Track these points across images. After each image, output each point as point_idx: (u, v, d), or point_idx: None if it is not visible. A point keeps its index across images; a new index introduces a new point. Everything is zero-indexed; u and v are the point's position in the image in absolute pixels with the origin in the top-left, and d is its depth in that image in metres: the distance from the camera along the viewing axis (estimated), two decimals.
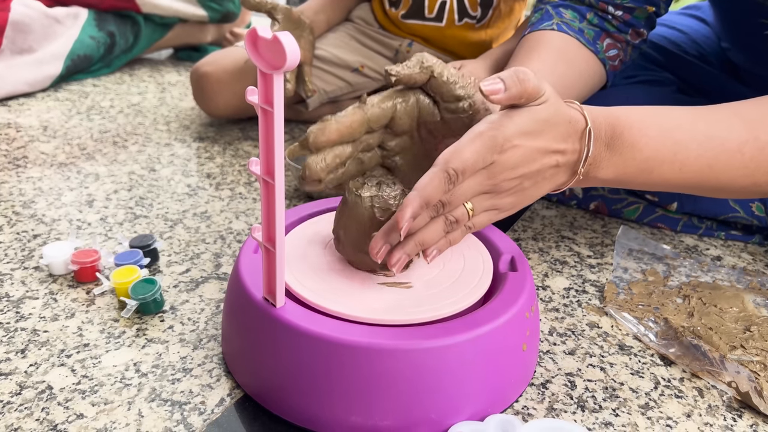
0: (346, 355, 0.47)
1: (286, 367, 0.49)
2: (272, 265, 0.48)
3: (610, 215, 0.92)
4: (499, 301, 0.53)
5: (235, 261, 0.57)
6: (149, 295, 0.62)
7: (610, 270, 0.77)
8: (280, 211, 0.46)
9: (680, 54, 0.94)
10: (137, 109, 1.32)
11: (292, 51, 0.38)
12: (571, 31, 0.75)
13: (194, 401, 0.53)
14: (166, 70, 1.67)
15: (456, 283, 0.56)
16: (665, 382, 0.58)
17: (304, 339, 0.48)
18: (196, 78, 1.17)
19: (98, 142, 1.11)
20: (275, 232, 0.46)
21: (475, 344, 0.49)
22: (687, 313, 0.68)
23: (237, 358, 0.55)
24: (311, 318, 0.49)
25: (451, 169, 0.48)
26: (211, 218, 0.85)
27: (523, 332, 0.53)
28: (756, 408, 0.54)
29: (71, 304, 0.65)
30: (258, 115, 0.44)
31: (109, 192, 0.91)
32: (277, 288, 0.49)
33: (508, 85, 0.49)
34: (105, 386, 0.54)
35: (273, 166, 0.44)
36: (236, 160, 1.07)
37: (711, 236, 0.88)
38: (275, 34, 0.38)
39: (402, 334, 0.48)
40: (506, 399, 0.53)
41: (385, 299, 0.53)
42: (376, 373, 0.47)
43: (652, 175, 0.58)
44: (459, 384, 0.49)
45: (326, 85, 1.22)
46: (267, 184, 0.46)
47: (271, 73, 0.41)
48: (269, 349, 0.50)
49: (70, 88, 1.43)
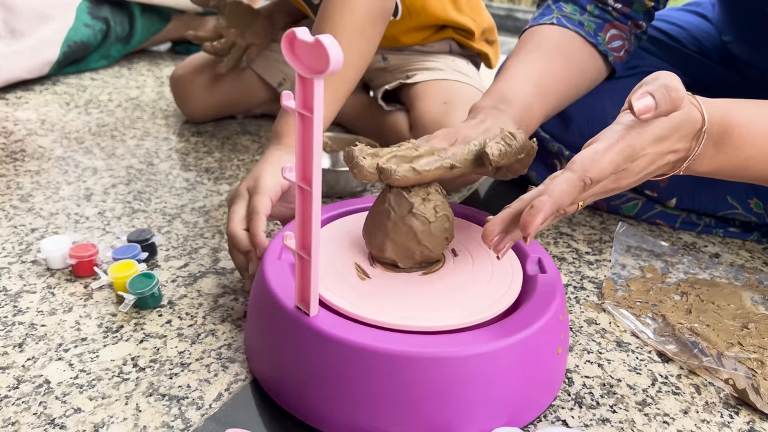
0: (385, 364, 0.46)
1: (321, 376, 0.48)
2: (306, 274, 0.47)
3: (608, 211, 0.92)
4: (534, 304, 0.52)
5: (259, 267, 0.56)
6: (147, 289, 0.62)
7: (609, 267, 0.77)
8: (317, 219, 0.44)
9: (680, 48, 0.94)
10: (135, 102, 1.32)
11: (335, 54, 0.36)
12: (570, 24, 0.75)
13: (192, 396, 0.53)
14: (164, 63, 1.66)
15: (488, 287, 0.54)
16: (663, 378, 0.58)
17: (340, 348, 0.47)
18: (173, 83, 1.18)
19: (96, 136, 1.10)
20: (311, 240, 0.45)
21: (514, 350, 0.48)
22: (685, 310, 0.68)
23: (264, 364, 0.54)
24: (346, 327, 0.48)
25: (588, 178, 0.48)
26: (210, 213, 0.85)
27: (557, 335, 0.52)
28: (753, 405, 0.54)
29: (69, 298, 0.65)
30: (296, 120, 0.42)
31: (107, 186, 0.91)
32: (311, 297, 0.47)
33: (659, 103, 0.48)
34: (103, 380, 0.54)
35: (311, 173, 0.43)
36: (235, 155, 1.07)
37: (709, 233, 0.88)
38: (317, 37, 0.36)
39: (441, 342, 0.47)
40: (542, 404, 0.53)
41: (419, 303, 0.51)
42: (416, 382, 0.46)
43: (747, 171, 0.58)
44: (498, 391, 0.48)
45: None
46: (303, 191, 0.44)
47: (312, 78, 0.39)
48: (302, 357, 0.49)
49: (68, 82, 1.42)
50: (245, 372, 0.56)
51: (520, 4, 3.25)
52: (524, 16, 3.09)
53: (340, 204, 0.67)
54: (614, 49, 0.77)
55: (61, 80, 1.43)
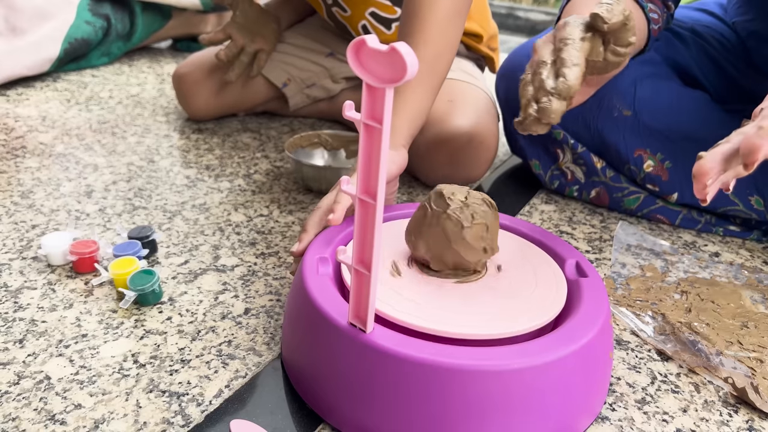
0: (450, 379, 0.44)
1: (381, 393, 0.46)
2: (365, 290, 0.45)
3: (610, 204, 0.92)
4: (586, 310, 0.51)
5: (298, 280, 0.54)
6: (148, 286, 0.62)
7: (609, 265, 0.77)
8: (378, 234, 0.42)
9: (701, 42, 0.93)
10: (136, 99, 1.32)
11: (412, 62, 0.34)
12: None
13: (192, 392, 0.53)
14: (165, 60, 1.66)
15: (534, 292, 0.53)
16: (662, 377, 0.58)
17: (401, 364, 0.45)
18: (176, 81, 1.18)
19: (97, 133, 1.10)
20: (371, 255, 0.43)
21: (575, 358, 0.46)
22: (685, 308, 0.68)
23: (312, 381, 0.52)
24: (405, 342, 0.46)
25: None
26: (210, 210, 0.85)
27: (609, 340, 0.52)
28: (752, 404, 0.55)
29: (69, 294, 0.65)
30: (359, 130, 0.40)
31: (107, 183, 0.91)
32: (368, 314, 0.45)
33: None
34: (103, 377, 0.54)
35: (375, 186, 0.41)
36: (235, 152, 1.07)
37: (709, 232, 0.88)
38: (393, 45, 0.34)
39: (505, 353, 0.45)
40: (594, 411, 0.52)
41: (466, 311, 0.50)
42: (483, 395, 0.44)
43: None
44: (559, 401, 0.47)
45: (301, 73, 1.20)
46: (365, 205, 0.42)
47: (383, 87, 0.37)
48: (359, 375, 0.47)
49: (68, 78, 1.42)
50: (245, 369, 0.56)
51: (521, 2, 3.25)
52: (525, 15, 3.09)
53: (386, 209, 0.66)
54: (654, 20, 0.76)
55: (62, 77, 1.43)
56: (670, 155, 0.85)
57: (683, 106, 0.87)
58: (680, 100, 0.87)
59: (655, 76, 0.89)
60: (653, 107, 0.87)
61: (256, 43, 1.14)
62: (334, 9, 1.12)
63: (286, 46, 1.20)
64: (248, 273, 0.71)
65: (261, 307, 0.65)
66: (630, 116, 0.87)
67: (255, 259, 0.74)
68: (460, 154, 0.89)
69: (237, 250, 0.75)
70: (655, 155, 0.86)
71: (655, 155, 0.86)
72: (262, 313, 0.64)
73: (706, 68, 0.93)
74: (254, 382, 0.54)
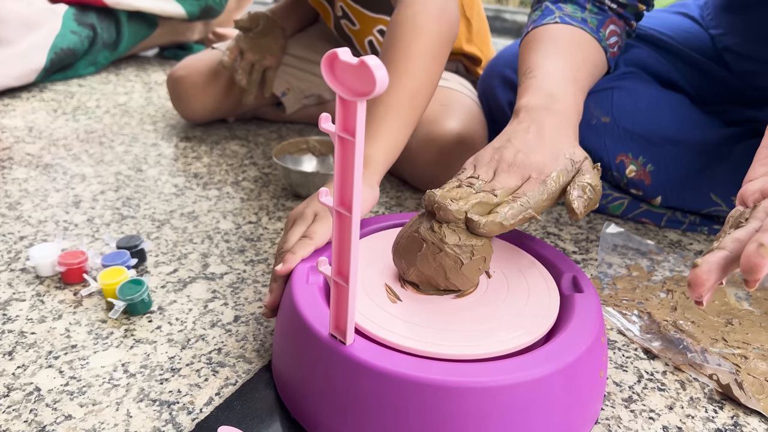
0: (429, 395, 0.44)
1: (358, 406, 0.46)
2: (343, 302, 0.45)
3: (595, 211, 0.93)
4: (575, 327, 0.50)
5: (287, 291, 0.54)
6: (137, 295, 0.63)
7: (595, 265, 0.78)
8: (355, 245, 0.42)
9: (672, 44, 0.95)
10: (124, 108, 1.32)
11: (381, 76, 0.34)
12: (575, 22, 0.75)
13: (183, 401, 0.53)
14: (152, 69, 1.66)
15: (525, 310, 0.53)
16: (648, 375, 0.59)
17: (379, 378, 0.45)
18: (172, 83, 1.18)
19: (84, 143, 1.10)
20: (349, 267, 0.43)
21: (561, 376, 0.46)
22: (670, 307, 0.69)
23: (293, 388, 0.52)
24: (385, 356, 0.46)
25: None
26: (199, 218, 0.85)
27: (600, 358, 0.51)
28: (737, 400, 0.55)
29: (58, 305, 0.65)
30: (334, 143, 0.40)
31: (95, 193, 0.91)
32: (348, 325, 0.45)
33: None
34: (93, 387, 0.54)
35: (350, 198, 0.41)
36: (223, 160, 1.07)
37: (694, 231, 0.89)
38: (362, 58, 0.35)
39: (487, 370, 0.45)
40: (584, 429, 0.52)
41: (456, 330, 0.50)
42: (462, 412, 0.44)
43: None
44: (543, 420, 0.46)
45: (301, 83, 1.22)
46: (341, 217, 0.43)
47: (354, 101, 0.37)
48: (337, 387, 0.47)
49: (55, 89, 1.42)
50: (235, 376, 0.56)
51: (507, 4, 3.26)
52: (512, 17, 3.11)
53: (367, 221, 0.66)
54: (610, 45, 0.77)
55: (49, 87, 1.43)
56: (652, 159, 0.86)
57: (663, 109, 0.88)
58: (660, 103, 0.88)
59: (632, 81, 0.90)
60: (632, 112, 0.88)
61: (266, 59, 1.15)
62: (343, 21, 1.13)
63: (288, 57, 1.22)
64: (237, 280, 0.71)
65: (250, 314, 0.65)
66: (609, 122, 0.88)
67: (244, 266, 0.74)
68: (449, 155, 0.89)
69: (226, 257, 0.76)
70: (637, 159, 0.87)
71: (637, 159, 0.87)
72: (252, 320, 0.64)
73: (688, 73, 0.94)
74: (244, 389, 0.55)
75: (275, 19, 1.17)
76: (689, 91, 0.94)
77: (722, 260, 0.41)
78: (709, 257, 0.42)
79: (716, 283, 0.41)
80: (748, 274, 0.38)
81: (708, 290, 0.41)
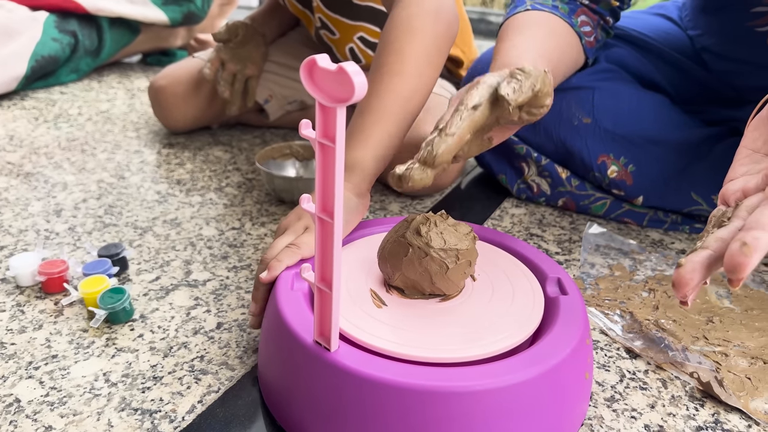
0: (415, 400, 0.44)
1: (344, 413, 0.46)
2: (327, 308, 0.45)
3: (578, 211, 0.93)
4: (559, 329, 0.50)
5: (272, 298, 0.54)
6: (118, 304, 0.62)
7: (578, 266, 0.78)
8: (338, 251, 0.42)
9: (653, 44, 0.96)
10: (106, 116, 1.31)
11: (360, 83, 0.34)
12: (546, 8, 0.76)
13: (165, 409, 0.53)
14: (135, 75, 1.66)
15: (509, 312, 0.53)
16: (630, 374, 0.59)
17: (364, 385, 0.44)
18: (153, 92, 1.17)
19: (66, 151, 1.10)
20: (332, 273, 0.43)
21: (545, 379, 0.46)
22: (652, 306, 0.69)
23: (278, 396, 0.52)
24: (370, 362, 0.45)
25: None
26: (182, 225, 0.85)
27: (585, 360, 0.51)
28: (717, 397, 0.56)
29: (39, 315, 0.65)
30: (315, 150, 0.40)
31: (77, 201, 0.90)
32: (332, 332, 0.45)
33: None
34: (74, 397, 0.54)
35: (332, 205, 0.41)
36: (207, 166, 1.06)
37: (676, 230, 0.90)
38: (340, 65, 0.35)
39: (472, 374, 0.45)
40: (571, 431, 0.52)
41: (441, 333, 0.50)
42: (448, 417, 0.44)
43: None
44: (528, 423, 0.46)
45: (283, 90, 1.22)
46: (324, 223, 0.42)
47: (334, 107, 0.37)
48: (322, 394, 0.47)
49: (36, 96, 1.41)
50: (218, 383, 0.56)
51: (492, 7, 3.28)
52: (497, 20, 3.12)
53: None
54: (585, 33, 0.78)
55: (30, 95, 1.42)
56: (634, 159, 0.87)
57: (644, 109, 0.89)
58: (640, 103, 0.89)
59: (613, 82, 0.91)
60: (613, 112, 0.88)
61: (247, 68, 1.15)
62: (322, 32, 1.13)
63: (269, 64, 1.21)
64: (220, 287, 0.71)
65: (233, 321, 0.65)
66: (590, 123, 0.88)
67: (227, 272, 0.74)
68: None
69: (209, 264, 0.75)
70: (619, 160, 0.87)
71: (619, 160, 0.87)
72: (235, 326, 0.64)
73: (668, 73, 0.95)
74: (227, 396, 0.54)
75: (255, 27, 1.17)
76: (670, 91, 0.95)
77: (706, 260, 0.41)
78: (692, 257, 0.42)
79: (700, 283, 0.42)
80: (732, 273, 0.38)
81: (693, 290, 0.42)
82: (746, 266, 0.38)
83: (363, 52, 1.12)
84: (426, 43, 0.69)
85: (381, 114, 0.66)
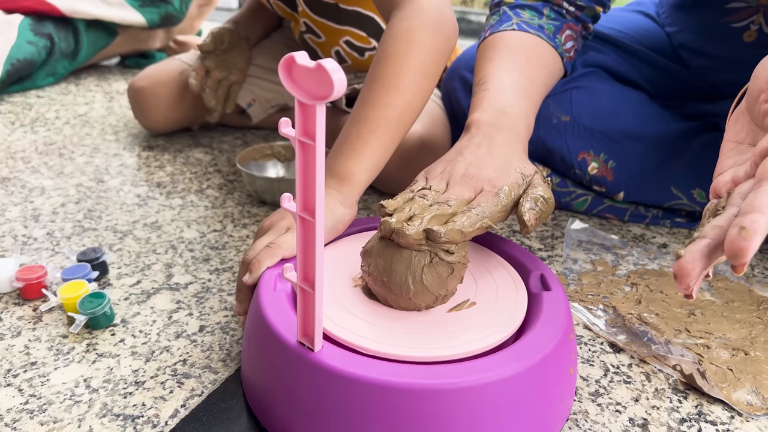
0: (401, 398, 0.43)
1: (328, 413, 0.46)
2: (310, 308, 0.44)
3: (560, 207, 0.94)
4: (543, 325, 0.50)
5: (254, 299, 0.53)
6: (98, 309, 0.61)
7: (561, 262, 0.79)
8: (320, 250, 0.42)
9: (628, 44, 0.96)
10: (84, 119, 1.29)
11: (339, 80, 0.34)
12: (532, 29, 0.76)
13: (147, 414, 0.52)
14: (113, 78, 1.64)
15: (493, 308, 0.53)
16: (614, 368, 0.60)
17: (348, 384, 0.44)
18: (132, 94, 1.16)
19: (43, 155, 1.08)
20: (314, 272, 0.43)
21: (530, 374, 0.46)
22: (635, 300, 0.70)
23: (264, 399, 0.51)
24: (354, 361, 0.45)
25: None
26: (162, 228, 0.84)
27: (569, 355, 0.51)
28: (700, 389, 0.56)
29: (17, 322, 0.63)
30: (295, 149, 0.40)
31: (55, 205, 0.89)
32: (315, 332, 0.45)
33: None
34: (54, 404, 0.53)
35: (313, 203, 0.41)
36: (187, 168, 1.05)
37: (657, 225, 0.90)
38: (319, 62, 0.34)
39: (456, 371, 0.45)
40: (556, 426, 0.51)
41: (425, 331, 0.50)
42: (433, 414, 0.44)
43: None
44: (513, 419, 0.46)
45: (266, 93, 1.21)
46: (305, 222, 0.42)
47: (313, 104, 0.37)
48: (307, 394, 0.46)
49: (12, 100, 1.39)
50: (201, 387, 0.55)
51: (473, 6, 3.29)
52: (477, 18, 3.13)
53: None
54: (567, 50, 0.78)
55: (5, 99, 1.40)
56: (614, 155, 0.88)
57: (622, 105, 0.89)
58: (618, 100, 0.90)
59: (591, 80, 0.92)
60: (592, 109, 0.89)
61: (232, 74, 1.14)
62: (307, 36, 1.12)
63: (253, 68, 1.21)
64: (202, 290, 0.70)
65: (216, 323, 0.64)
66: (569, 121, 0.89)
67: (209, 275, 0.73)
68: (412, 159, 0.89)
69: (190, 267, 0.74)
70: (599, 156, 0.88)
71: (599, 156, 0.88)
72: (218, 329, 0.63)
73: (646, 70, 0.96)
74: (210, 399, 0.54)
75: (239, 31, 1.16)
76: (647, 88, 0.96)
77: (705, 248, 0.41)
78: (691, 247, 0.41)
79: (702, 273, 0.41)
80: (734, 259, 0.38)
81: (694, 280, 0.41)
82: (747, 250, 0.37)
83: (349, 55, 1.12)
84: (423, 57, 0.69)
85: (375, 126, 0.66)
